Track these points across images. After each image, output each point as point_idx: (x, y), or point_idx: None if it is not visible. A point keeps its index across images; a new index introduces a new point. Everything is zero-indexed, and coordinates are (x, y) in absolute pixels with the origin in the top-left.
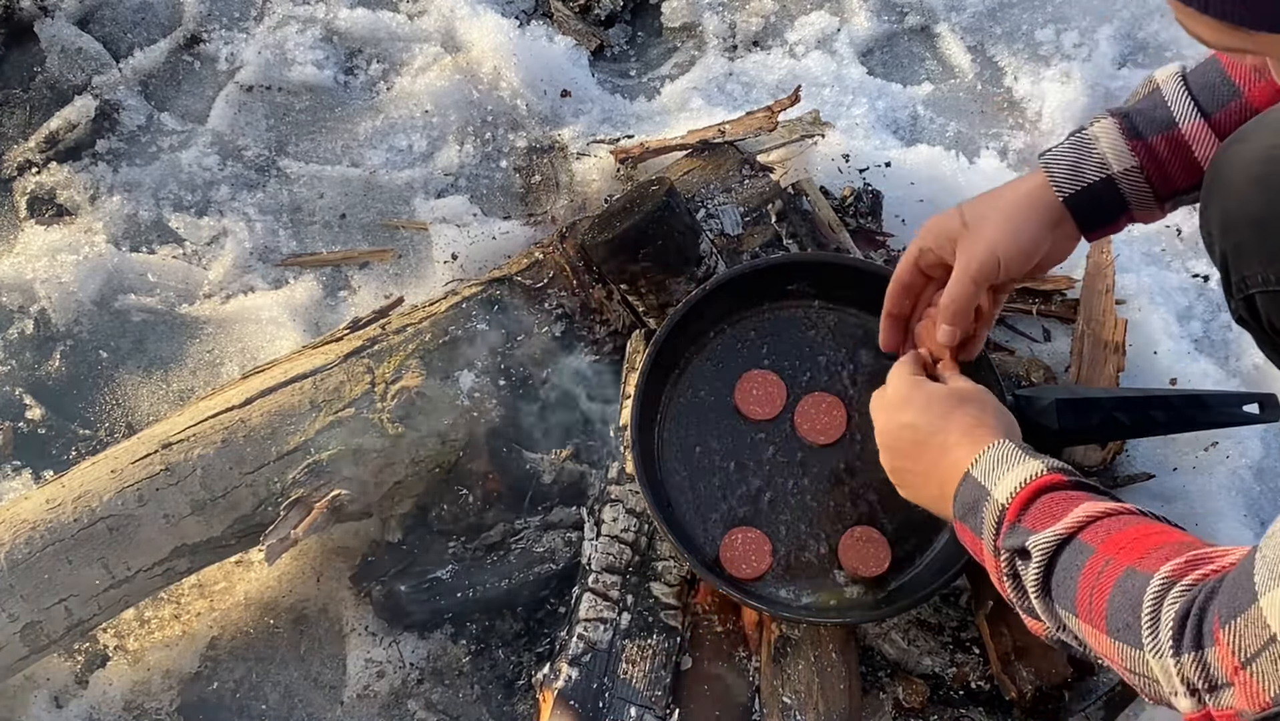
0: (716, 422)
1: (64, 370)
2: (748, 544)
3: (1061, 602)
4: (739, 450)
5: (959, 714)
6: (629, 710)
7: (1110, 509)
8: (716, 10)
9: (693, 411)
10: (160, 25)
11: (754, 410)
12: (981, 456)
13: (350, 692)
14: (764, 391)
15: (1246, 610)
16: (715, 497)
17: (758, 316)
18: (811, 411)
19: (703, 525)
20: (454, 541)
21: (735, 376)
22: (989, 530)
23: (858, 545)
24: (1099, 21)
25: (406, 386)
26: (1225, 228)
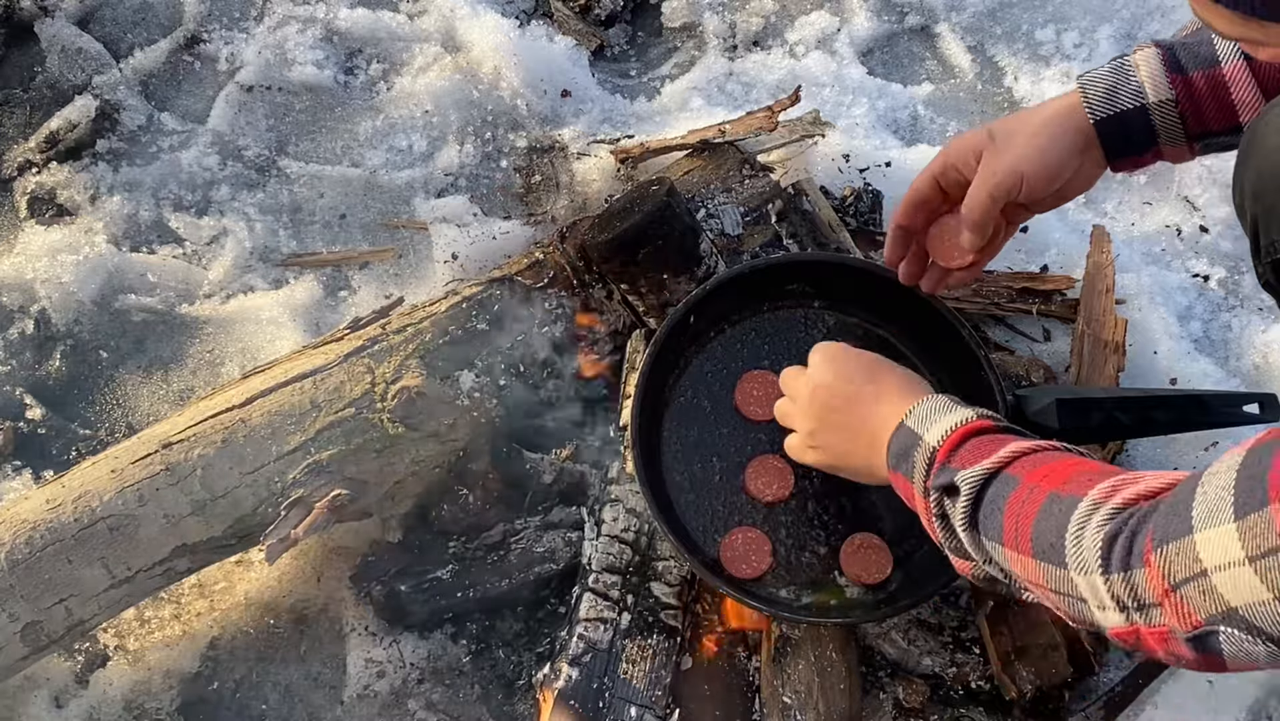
0: (717, 423)
1: (64, 370)
2: (748, 544)
3: (988, 534)
4: (740, 451)
5: (959, 714)
6: (629, 710)
7: (1037, 445)
8: (716, 10)
9: (693, 412)
10: (160, 25)
11: (754, 411)
12: (916, 407)
13: (350, 692)
14: (764, 392)
15: (1180, 540)
16: (715, 498)
17: (758, 317)
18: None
19: (703, 525)
20: (454, 541)
21: (736, 377)
22: (919, 472)
23: (859, 553)
24: (1099, 21)
25: (406, 386)
26: (1258, 191)
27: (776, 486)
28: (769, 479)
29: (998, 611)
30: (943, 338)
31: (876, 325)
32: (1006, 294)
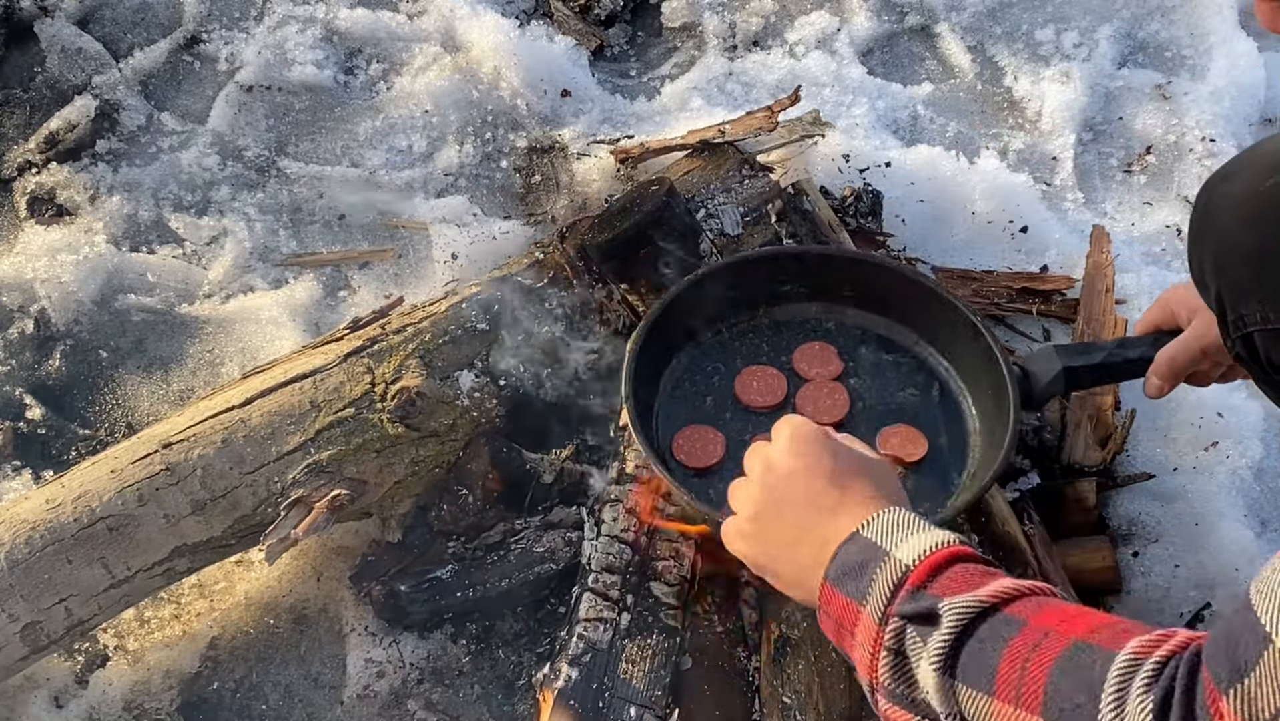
0: (716, 411)
1: (64, 370)
2: None
3: (969, 680)
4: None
5: None
6: (629, 710)
7: (1034, 586)
8: (716, 10)
9: (691, 400)
10: (160, 25)
11: (755, 400)
12: (876, 518)
13: (350, 692)
14: (764, 383)
15: (1257, 664)
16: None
17: (754, 320)
18: (814, 395)
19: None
20: (454, 541)
21: (734, 372)
22: (880, 593)
23: None
24: (1099, 21)
25: (406, 386)
26: (1219, 267)
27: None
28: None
29: None
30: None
31: (875, 321)
32: (1006, 294)
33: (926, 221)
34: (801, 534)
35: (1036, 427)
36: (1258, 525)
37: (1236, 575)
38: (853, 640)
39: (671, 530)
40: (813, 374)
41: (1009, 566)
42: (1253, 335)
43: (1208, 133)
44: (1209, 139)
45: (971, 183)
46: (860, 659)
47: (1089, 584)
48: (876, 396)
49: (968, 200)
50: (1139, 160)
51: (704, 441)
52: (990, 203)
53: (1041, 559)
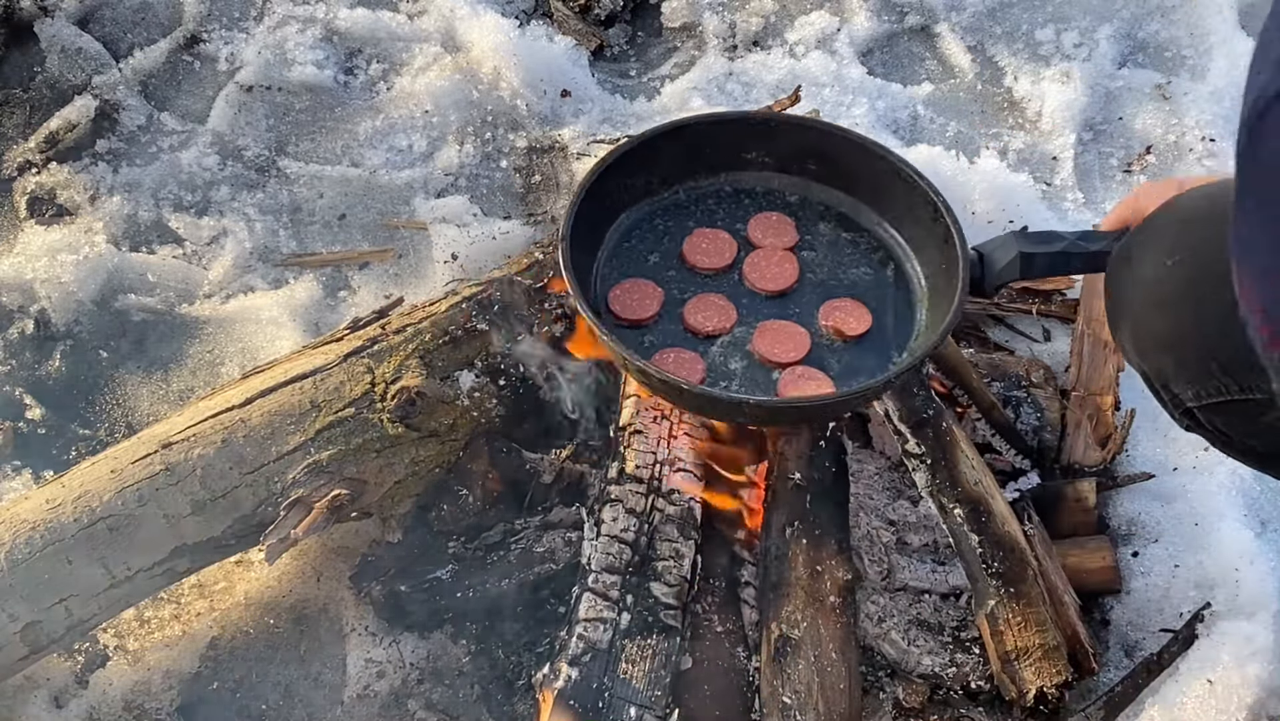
0: (660, 269)
1: (64, 370)
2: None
3: None
4: (683, 291)
5: (959, 714)
6: (629, 710)
7: None
8: (716, 10)
9: (635, 257)
10: (160, 25)
11: (700, 260)
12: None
13: (350, 692)
14: (714, 245)
15: None
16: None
17: (714, 183)
18: (763, 263)
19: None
20: (454, 541)
21: (685, 233)
22: None
23: (799, 381)
24: (1099, 21)
25: (406, 386)
26: (1141, 351)
27: (717, 320)
28: (710, 312)
29: (997, 611)
30: (902, 194)
31: (837, 197)
32: (1006, 294)
33: None
34: None
35: (1036, 427)
36: (1258, 525)
37: (1236, 575)
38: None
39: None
40: (766, 242)
41: (1009, 567)
42: (1192, 410)
43: (1208, 133)
44: (1209, 139)
45: (971, 183)
46: None
47: (1089, 584)
48: (828, 271)
49: (968, 200)
50: (1139, 160)
51: (641, 295)
52: (990, 202)
53: (1041, 559)
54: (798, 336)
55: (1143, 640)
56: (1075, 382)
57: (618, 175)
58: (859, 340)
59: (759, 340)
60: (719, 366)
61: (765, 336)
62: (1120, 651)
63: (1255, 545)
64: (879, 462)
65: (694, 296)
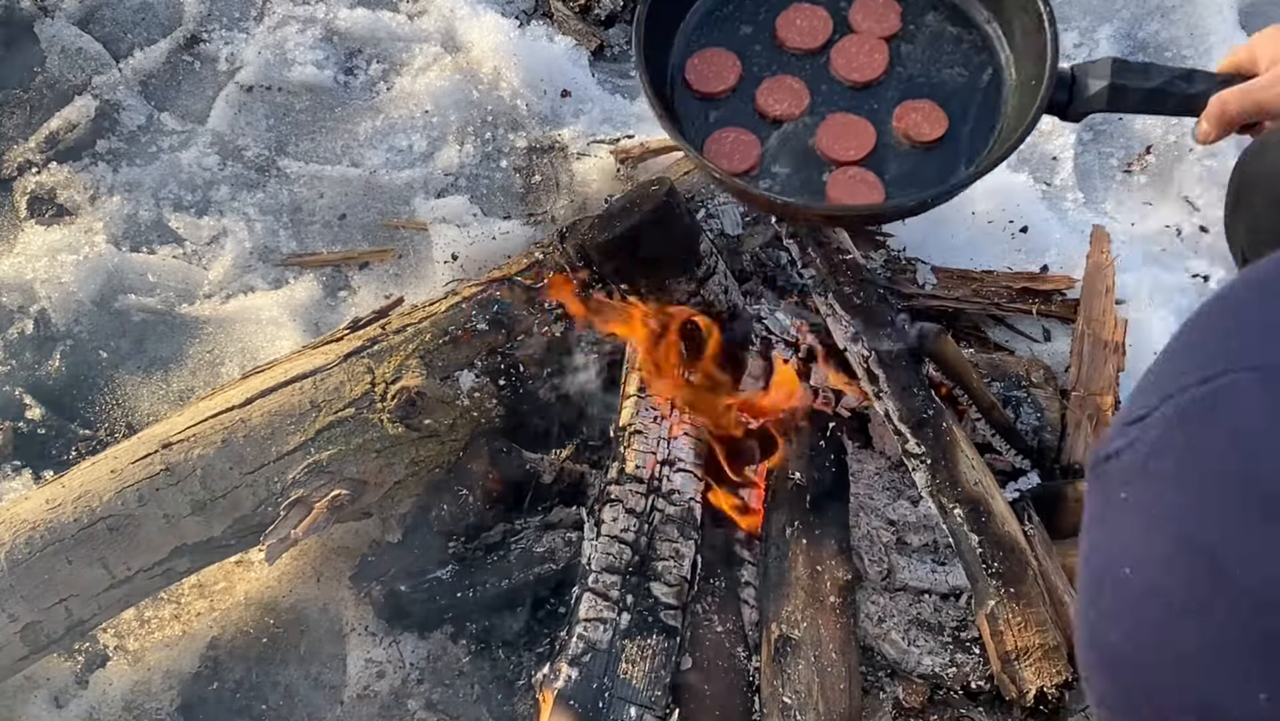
0: (747, 46)
1: (64, 370)
2: (737, 144)
3: None
4: (762, 69)
5: (959, 714)
6: (629, 710)
7: None
8: None
9: (726, 27)
10: (160, 25)
11: (791, 38)
12: None
13: (350, 692)
14: (808, 23)
15: None
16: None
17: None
18: (852, 50)
19: (698, 120)
20: (454, 541)
21: (785, 4)
22: None
23: (848, 183)
24: (1099, 21)
25: (406, 386)
26: (1253, 243)
27: (788, 103)
28: (782, 95)
29: (997, 611)
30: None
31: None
32: (1006, 294)
33: (927, 221)
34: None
35: (1036, 427)
36: None
37: None
38: None
39: None
40: (864, 27)
41: (1009, 567)
42: None
43: None
44: None
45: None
46: None
47: None
48: (920, 67)
49: (968, 200)
50: (1139, 160)
51: (719, 66)
52: (990, 203)
53: (1041, 559)
54: (864, 134)
55: None
56: (1075, 382)
57: None
58: (928, 147)
59: (823, 133)
60: (774, 153)
61: (830, 129)
62: None
63: None
64: (879, 462)
65: (771, 76)
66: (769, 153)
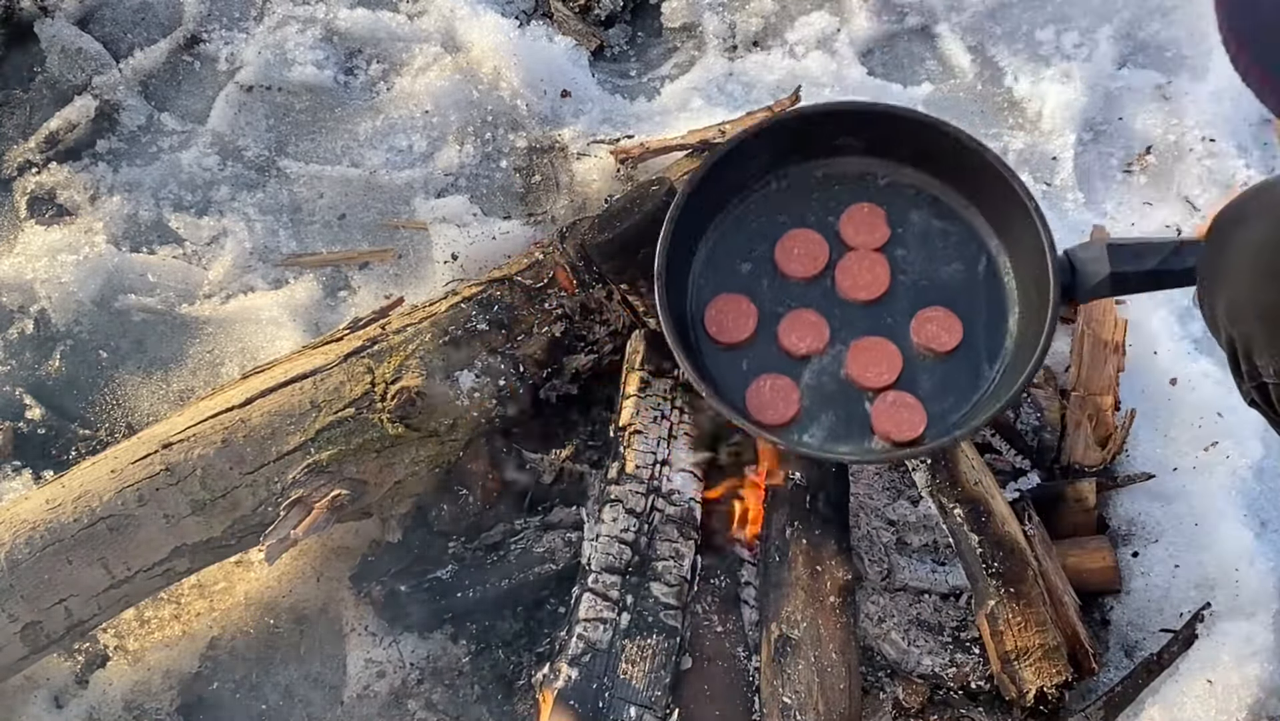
0: (753, 284)
1: (64, 370)
2: (775, 391)
3: None
4: (776, 304)
5: (959, 714)
6: (629, 710)
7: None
8: (716, 10)
9: (729, 267)
10: (160, 25)
11: (794, 269)
12: None
13: (350, 692)
14: (806, 250)
15: None
16: (747, 347)
17: (805, 171)
18: (854, 269)
19: (730, 372)
20: (454, 541)
21: (777, 234)
22: None
23: (891, 410)
24: (1099, 21)
25: (406, 386)
26: (1233, 316)
27: (811, 339)
28: (804, 332)
29: (997, 611)
30: (995, 192)
31: (929, 182)
32: None
33: None
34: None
35: (1036, 428)
36: (1258, 525)
37: (1236, 575)
38: None
39: None
40: (858, 241)
41: (1009, 567)
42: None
43: (1208, 133)
44: (1209, 139)
45: None
46: None
47: (1089, 584)
48: (920, 270)
49: None
50: (1139, 160)
51: (736, 314)
52: None
53: (1041, 559)
54: (890, 356)
55: (1143, 640)
56: (1075, 383)
57: (711, 184)
58: (950, 354)
59: (852, 362)
60: (814, 390)
61: (859, 358)
62: (1120, 651)
63: (1255, 545)
64: None
65: (788, 313)
66: (807, 390)
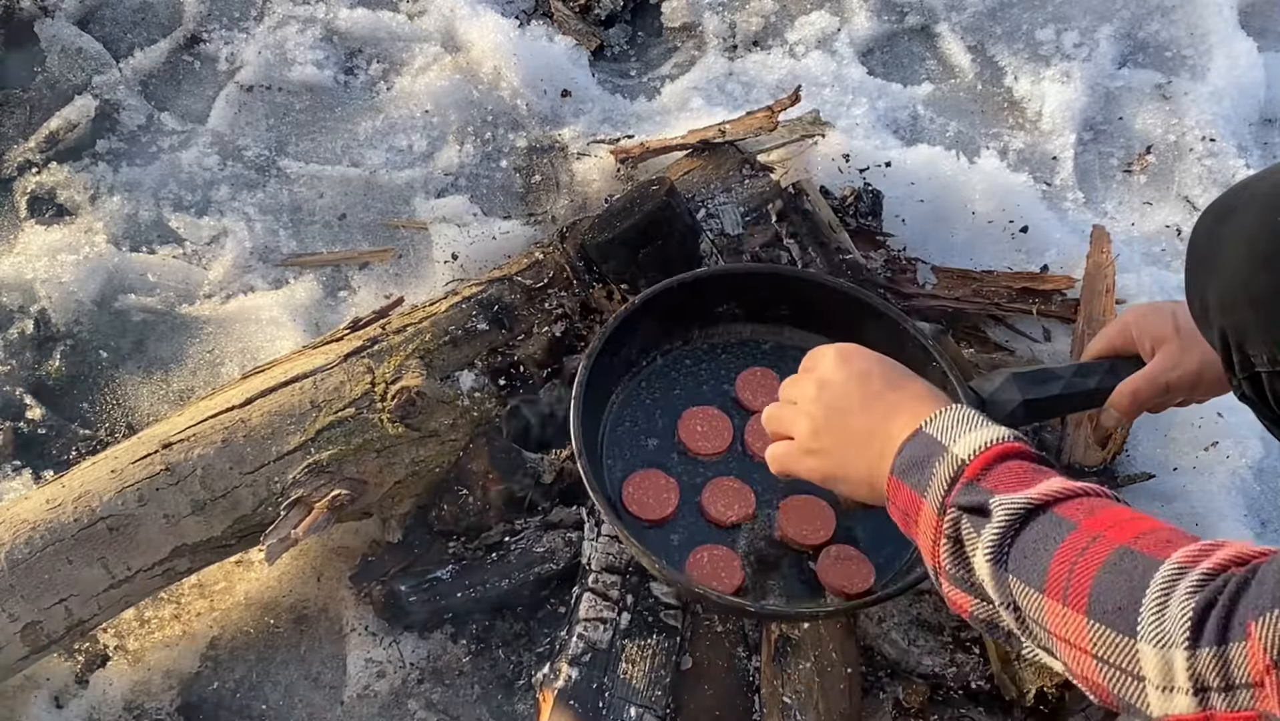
0: (664, 458)
1: (64, 370)
2: (715, 561)
3: (1021, 575)
4: (693, 477)
5: (959, 714)
6: (629, 710)
7: (1085, 487)
8: (716, 10)
9: (635, 445)
10: (160, 25)
11: (702, 446)
12: (938, 416)
13: (350, 692)
14: (709, 426)
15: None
16: (676, 523)
17: (690, 345)
18: (762, 430)
19: (666, 549)
20: (454, 541)
21: (677, 412)
22: (939, 485)
23: (836, 565)
24: (1099, 21)
25: (406, 386)
26: (1225, 307)
27: (738, 507)
28: (729, 500)
29: None
30: (886, 337)
31: (814, 340)
32: (1006, 294)
33: (927, 221)
34: (868, 437)
35: (1037, 428)
36: (1258, 525)
37: None
38: (917, 528)
39: None
40: (758, 404)
41: None
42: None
43: (1208, 133)
44: (1209, 139)
45: (971, 183)
46: (924, 545)
47: None
48: None
49: (968, 200)
50: (1139, 160)
51: (656, 490)
52: (990, 203)
53: None
54: (821, 512)
55: None
56: None
57: (603, 366)
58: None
59: (785, 523)
60: (753, 556)
61: (790, 517)
62: None
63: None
64: None
65: (707, 483)
66: (747, 557)
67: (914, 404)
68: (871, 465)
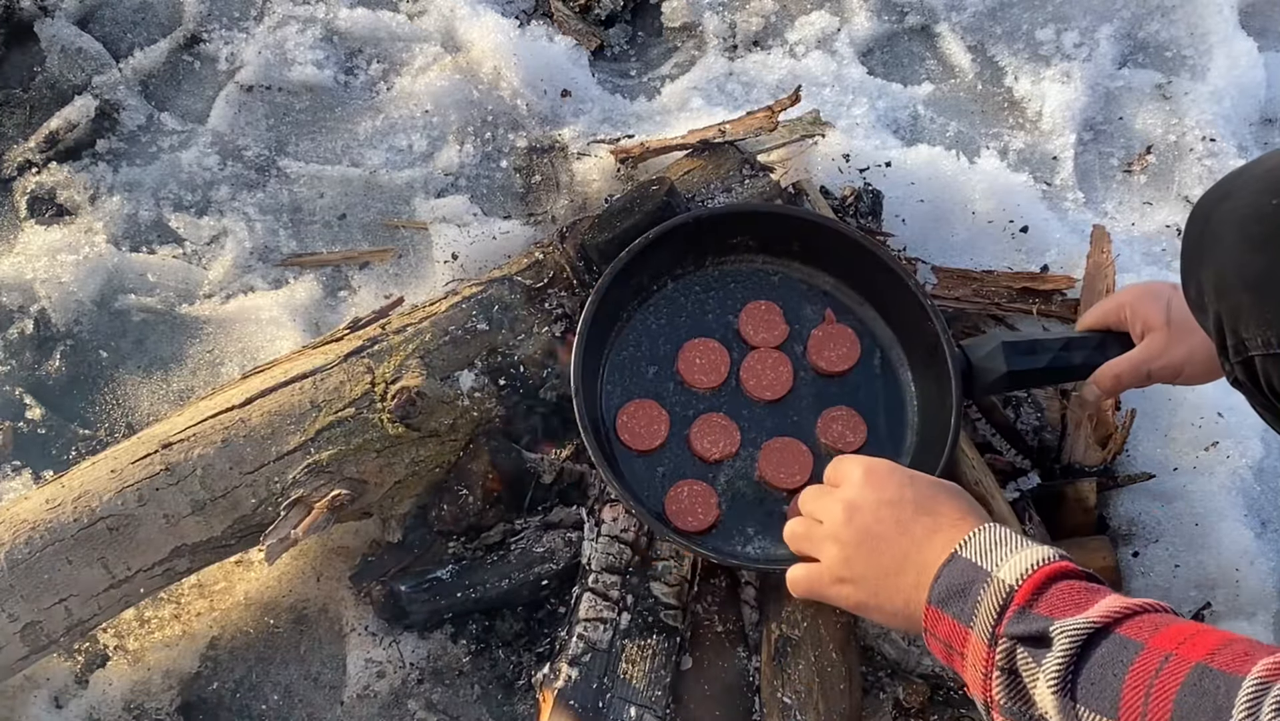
0: (660, 388)
1: (64, 370)
2: (694, 496)
3: (1091, 703)
4: (685, 410)
5: (959, 714)
6: (629, 710)
7: (1144, 604)
8: (716, 10)
9: (636, 370)
10: (160, 25)
11: (699, 379)
12: (973, 538)
13: (350, 692)
14: (707, 360)
15: None
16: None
17: (702, 271)
18: (758, 369)
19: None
20: (454, 541)
21: (680, 338)
22: (986, 614)
23: None
24: (1099, 21)
25: (406, 386)
26: (1220, 290)
27: (723, 444)
28: (715, 436)
29: None
30: (888, 288)
31: (821, 278)
32: (1006, 294)
33: (926, 221)
34: (901, 563)
35: (1036, 428)
36: (1258, 525)
37: (1236, 575)
38: (963, 661)
39: None
40: (758, 339)
41: None
42: (1253, 359)
43: (1208, 133)
44: (1209, 139)
45: (971, 183)
46: (973, 679)
47: None
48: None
49: (968, 200)
50: (1139, 160)
51: (648, 420)
52: (990, 202)
53: None
54: (801, 457)
55: None
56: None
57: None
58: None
59: (764, 464)
60: (730, 494)
61: (770, 459)
62: None
63: (1255, 545)
64: None
65: (698, 417)
66: (724, 494)
67: (949, 527)
68: (908, 595)
